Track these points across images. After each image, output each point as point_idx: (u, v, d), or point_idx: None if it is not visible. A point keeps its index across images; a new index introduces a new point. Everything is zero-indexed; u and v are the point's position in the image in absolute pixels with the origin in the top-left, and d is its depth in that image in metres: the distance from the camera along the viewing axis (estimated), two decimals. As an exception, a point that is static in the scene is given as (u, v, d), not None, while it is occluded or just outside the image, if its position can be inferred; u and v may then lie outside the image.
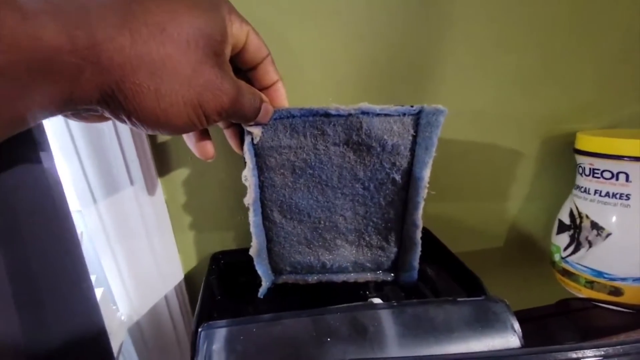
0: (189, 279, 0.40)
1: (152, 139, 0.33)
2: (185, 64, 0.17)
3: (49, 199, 0.23)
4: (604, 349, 0.22)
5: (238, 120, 0.24)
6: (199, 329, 0.25)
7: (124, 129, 0.29)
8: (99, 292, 0.34)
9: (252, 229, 0.29)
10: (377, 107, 0.26)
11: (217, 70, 0.19)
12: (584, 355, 0.22)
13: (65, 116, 0.18)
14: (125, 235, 0.33)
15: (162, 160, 0.34)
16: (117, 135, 0.29)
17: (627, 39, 0.39)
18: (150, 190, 0.33)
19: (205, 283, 0.33)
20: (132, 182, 0.31)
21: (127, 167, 0.31)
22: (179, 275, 0.39)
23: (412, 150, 0.28)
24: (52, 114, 0.16)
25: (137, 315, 0.37)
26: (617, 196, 0.35)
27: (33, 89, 0.14)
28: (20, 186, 0.21)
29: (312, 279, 0.33)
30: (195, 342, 0.25)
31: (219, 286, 0.35)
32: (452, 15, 0.34)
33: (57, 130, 0.28)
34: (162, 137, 0.34)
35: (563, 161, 0.44)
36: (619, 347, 0.22)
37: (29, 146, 0.21)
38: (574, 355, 0.22)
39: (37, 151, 0.22)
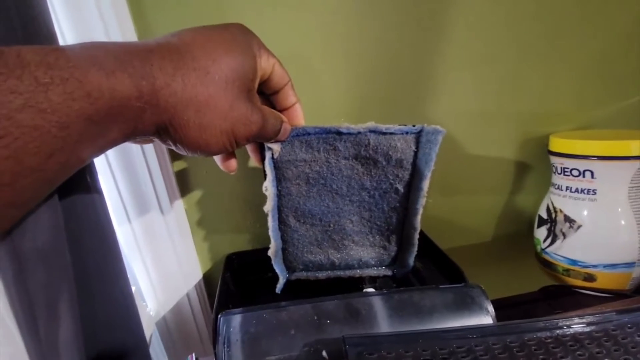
0: (207, 278, 0.45)
1: (173, 158, 0.38)
2: (224, 101, 0.21)
3: (95, 209, 0.28)
4: (553, 321, 0.26)
5: (261, 141, 0.27)
6: (219, 316, 0.30)
7: (150, 151, 0.35)
8: (131, 291, 0.39)
9: (270, 233, 0.32)
10: (383, 127, 0.29)
11: (248, 104, 0.22)
12: (542, 327, 0.26)
13: None
14: (151, 241, 0.39)
15: (181, 176, 0.39)
16: (144, 156, 0.35)
17: (593, 58, 0.44)
18: (172, 201, 0.38)
19: (222, 280, 0.38)
20: (157, 196, 0.37)
21: (152, 182, 0.36)
22: (198, 275, 0.43)
23: (414, 164, 0.31)
24: (118, 144, 0.19)
25: (163, 310, 0.42)
26: (585, 192, 0.39)
27: (109, 128, 0.17)
28: (76, 201, 0.26)
29: (322, 275, 0.36)
30: (215, 327, 0.30)
31: (233, 282, 0.39)
32: (444, 33, 0.39)
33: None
34: (181, 156, 0.39)
35: (544, 161, 0.48)
36: (578, 318, 0.26)
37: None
38: (541, 324, 0.26)
39: (85, 170, 0.27)
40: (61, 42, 0.29)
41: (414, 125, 0.29)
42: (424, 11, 0.38)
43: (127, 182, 0.35)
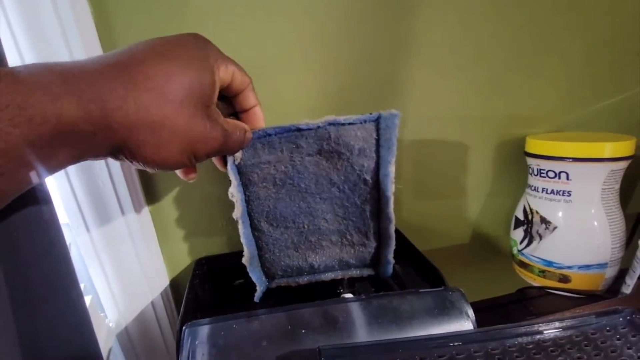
0: (175, 285, 0.42)
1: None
2: (180, 120, 0.20)
3: (40, 212, 0.25)
4: (537, 325, 0.25)
5: (225, 154, 0.27)
6: (183, 328, 0.27)
7: (109, 146, 0.32)
8: (87, 300, 0.35)
9: (242, 240, 0.31)
10: (341, 118, 0.29)
11: (206, 121, 0.22)
12: (517, 333, 0.25)
13: None
14: (111, 245, 0.35)
15: (145, 174, 0.36)
16: (103, 152, 0.31)
17: (569, 61, 0.44)
18: (135, 202, 0.35)
19: (190, 287, 0.35)
20: (117, 195, 0.34)
21: (112, 180, 0.33)
22: (164, 281, 0.40)
23: (377, 152, 0.31)
24: (67, 166, 0.19)
25: (124, 321, 0.38)
26: (561, 193, 0.40)
27: (55, 152, 0.17)
28: (15, 201, 0.23)
29: (303, 280, 0.35)
30: (179, 339, 0.27)
31: (203, 289, 0.37)
32: (421, 36, 0.39)
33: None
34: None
35: (519, 163, 0.48)
36: (552, 323, 0.25)
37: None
38: (522, 330, 0.26)
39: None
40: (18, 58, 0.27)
41: (371, 113, 0.29)
42: (401, 12, 0.37)
43: (82, 179, 0.32)
